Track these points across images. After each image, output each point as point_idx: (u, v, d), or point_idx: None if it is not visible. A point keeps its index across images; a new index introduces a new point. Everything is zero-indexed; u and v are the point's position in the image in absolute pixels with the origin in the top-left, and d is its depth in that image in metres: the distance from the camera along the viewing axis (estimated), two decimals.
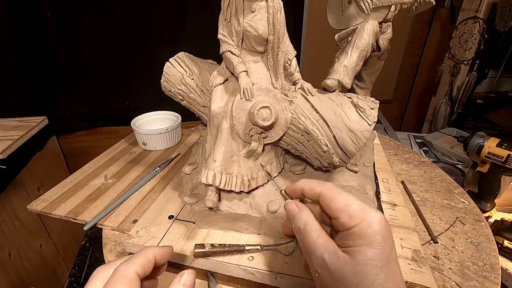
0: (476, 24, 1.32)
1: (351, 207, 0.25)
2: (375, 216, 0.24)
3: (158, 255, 0.26)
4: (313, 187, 0.29)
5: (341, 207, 0.25)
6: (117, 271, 0.23)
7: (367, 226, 0.23)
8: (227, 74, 0.43)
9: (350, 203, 0.25)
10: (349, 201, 0.25)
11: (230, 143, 0.40)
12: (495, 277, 0.41)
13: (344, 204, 0.25)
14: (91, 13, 1.00)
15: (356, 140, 0.37)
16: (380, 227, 0.23)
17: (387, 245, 0.23)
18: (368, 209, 0.24)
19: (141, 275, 0.23)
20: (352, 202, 0.25)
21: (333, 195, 0.26)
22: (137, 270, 0.23)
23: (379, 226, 0.23)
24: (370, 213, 0.24)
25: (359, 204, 0.25)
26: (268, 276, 0.37)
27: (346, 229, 0.24)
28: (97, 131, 1.23)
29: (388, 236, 0.23)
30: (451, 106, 1.53)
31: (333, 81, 0.41)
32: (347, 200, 0.25)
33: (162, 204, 0.49)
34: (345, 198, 0.26)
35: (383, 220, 0.24)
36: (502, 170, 0.73)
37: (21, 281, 0.85)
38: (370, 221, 0.23)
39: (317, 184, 0.28)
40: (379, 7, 0.44)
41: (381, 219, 0.24)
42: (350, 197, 0.26)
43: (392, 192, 0.55)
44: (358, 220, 0.24)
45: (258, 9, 0.37)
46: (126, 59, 1.10)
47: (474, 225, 0.51)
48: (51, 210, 0.53)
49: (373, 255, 0.23)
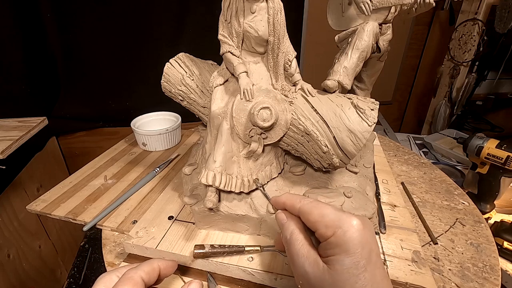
0: (475, 26, 1.32)
1: (327, 217, 0.25)
2: (350, 224, 0.24)
3: (163, 266, 0.29)
4: (293, 204, 0.29)
5: (318, 218, 0.25)
6: (125, 274, 0.26)
7: (342, 234, 0.23)
8: (227, 75, 0.43)
9: (325, 213, 0.25)
10: (324, 211, 0.25)
11: (230, 143, 0.40)
12: (495, 279, 0.41)
13: (320, 215, 0.25)
14: (91, 13, 1.00)
15: (356, 141, 0.37)
16: (355, 233, 0.23)
17: (364, 251, 0.23)
18: (343, 217, 0.24)
19: (145, 281, 0.26)
20: (327, 212, 0.25)
21: (310, 209, 0.27)
22: (142, 275, 0.26)
23: (354, 233, 0.23)
24: (346, 221, 0.24)
25: (335, 213, 0.25)
26: (267, 277, 0.37)
27: (324, 239, 0.25)
28: (97, 132, 1.22)
29: (365, 241, 0.23)
30: (450, 108, 1.53)
31: (333, 82, 0.41)
32: (323, 211, 0.25)
33: (162, 205, 0.49)
34: (321, 209, 0.26)
35: (359, 226, 0.24)
36: (501, 171, 0.73)
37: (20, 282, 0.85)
38: (345, 229, 0.23)
39: (298, 200, 0.29)
40: (379, 9, 0.44)
41: (357, 225, 0.24)
42: (326, 208, 0.26)
43: (392, 193, 0.55)
44: (334, 229, 0.24)
45: (258, 10, 0.37)
46: (126, 60, 1.10)
47: (474, 226, 0.51)
48: (50, 211, 0.52)
49: (350, 263, 0.23)
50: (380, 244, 0.43)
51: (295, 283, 0.36)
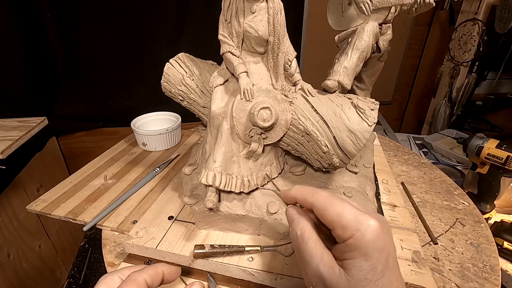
0: (475, 26, 1.32)
1: (345, 217, 0.23)
2: (369, 226, 0.22)
3: (167, 271, 0.30)
4: (305, 198, 0.27)
5: (335, 218, 0.24)
6: (130, 276, 0.26)
7: (360, 238, 0.22)
8: (227, 75, 0.43)
9: (343, 213, 0.23)
10: (342, 211, 0.24)
11: (230, 143, 0.40)
12: (495, 279, 0.41)
13: (336, 214, 0.24)
14: (91, 13, 1.00)
15: (356, 141, 0.37)
16: (374, 237, 0.22)
17: (382, 256, 0.22)
18: (362, 218, 0.23)
19: (149, 284, 0.27)
20: (345, 212, 0.23)
21: (325, 206, 0.25)
22: (146, 278, 0.27)
23: (373, 237, 0.22)
24: (364, 223, 0.22)
25: (353, 213, 0.23)
26: (268, 277, 0.37)
27: (342, 241, 0.23)
28: (97, 132, 1.23)
29: (383, 245, 0.22)
30: (450, 108, 1.53)
31: (333, 82, 0.42)
32: (340, 210, 0.24)
33: (162, 205, 0.49)
34: (337, 207, 0.24)
35: (378, 229, 0.22)
36: (501, 171, 0.73)
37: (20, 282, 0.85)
38: (363, 232, 0.22)
39: (310, 194, 0.27)
40: (379, 9, 0.44)
41: (376, 228, 0.22)
42: (343, 206, 0.24)
43: (392, 193, 0.55)
44: (352, 232, 0.22)
45: (258, 10, 0.37)
46: (126, 60, 1.10)
47: (474, 226, 0.51)
48: (50, 211, 0.52)
49: (367, 268, 0.22)
50: None
51: (295, 283, 0.36)
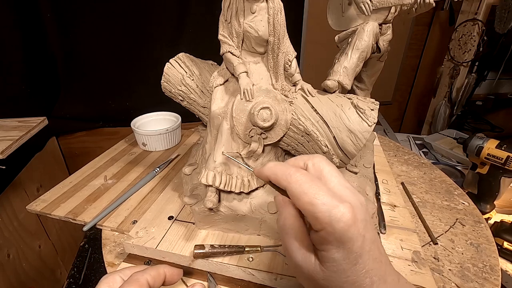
0: (475, 26, 1.32)
1: (317, 208, 0.22)
2: (339, 219, 0.21)
3: (168, 272, 0.29)
4: (278, 180, 0.25)
5: (307, 207, 0.22)
6: (132, 276, 0.27)
7: (332, 231, 0.21)
8: (227, 75, 0.43)
9: (315, 203, 0.22)
10: (314, 200, 0.22)
11: (230, 143, 0.40)
12: (495, 279, 0.41)
13: (309, 204, 0.22)
14: (91, 13, 1.00)
15: (356, 141, 0.37)
16: (345, 229, 0.21)
17: (355, 245, 0.22)
18: (334, 211, 0.21)
19: (150, 284, 0.27)
20: (318, 202, 0.22)
21: (299, 194, 0.23)
22: (148, 279, 0.27)
23: (343, 228, 0.21)
24: (335, 215, 0.21)
25: (325, 203, 0.22)
26: (267, 277, 0.37)
27: (314, 231, 0.23)
28: (97, 132, 1.22)
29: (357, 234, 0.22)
30: (450, 108, 1.53)
31: (333, 82, 0.42)
32: (312, 199, 0.22)
33: (162, 205, 0.49)
34: (310, 197, 0.22)
35: (349, 220, 0.21)
36: (501, 171, 0.73)
37: (19, 282, 0.85)
38: (334, 225, 0.21)
39: (284, 179, 0.24)
40: (379, 9, 0.44)
41: (347, 219, 0.21)
42: (316, 196, 0.22)
43: (392, 193, 0.55)
44: (323, 225, 0.22)
45: (258, 10, 0.37)
46: (126, 60, 1.10)
47: (474, 226, 0.51)
48: (50, 211, 0.52)
49: (340, 258, 0.22)
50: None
51: (295, 283, 0.36)
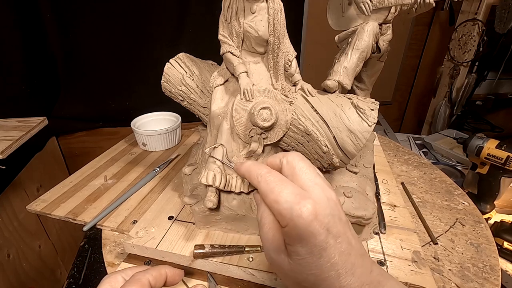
0: (475, 26, 1.32)
1: (281, 205, 0.23)
2: (300, 215, 0.22)
3: (170, 273, 0.30)
4: (250, 179, 0.26)
5: (273, 205, 0.24)
6: (134, 276, 0.27)
7: (294, 227, 0.22)
8: (227, 75, 0.43)
9: (280, 200, 0.23)
10: (279, 198, 0.23)
11: (230, 143, 0.40)
12: (495, 279, 0.41)
13: (275, 201, 0.23)
14: (91, 13, 1.00)
15: (356, 141, 0.37)
16: (306, 225, 0.22)
17: (318, 239, 0.22)
18: (296, 207, 0.22)
19: (152, 284, 0.27)
20: (282, 199, 0.23)
21: (266, 192, 0.24)
22: (150, 279, 0.27)
23: (305, 224, 0.22)
24: (296, 212, 0.22)
25: (288, 201, 0.23)
26: (267, 277, 0.37)
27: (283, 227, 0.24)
28: (97, 132, 1.22)
29: (318, 229, 0.22)
30: (450, 108, 1.53)
31: (333, 82, 0.42)
32: (277, 197, 0.23)
33: (162, 205, 0.49)
34: (275, 194, 0.23)
35: (310, 216, 0.22)
36: (501, 171, 0.73)
37: (19, 282, 0.85)
38: (296, 222, 0.22)
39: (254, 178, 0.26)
40: (379, 9, 0.44)
41: (308, 215, 0.22)
42: (280, 192, 0.23)
43: (392, 193, 0.55)
44: (287, 221, 0.23)
45: (258, 10, 0.37)
46: (126, 60, 1.10)
47: (474, 226, 0.51)
48: (50, 211, 0.52)
49: (305, 253, 0.22)
50: (380, 244, 0.43)
51: None
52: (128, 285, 0.26)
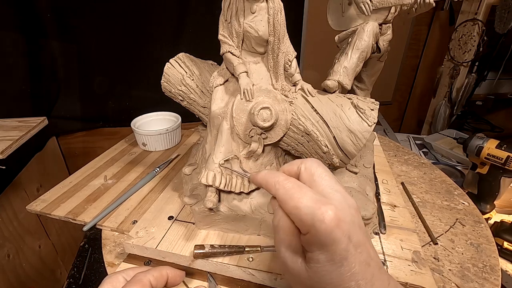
0: (475, 26, 1.32)
1: (301, 211, 0.22)
2: (323, 221, 0.21)
3: (171, 274, 0.30)
4: (268, 188, 0.26)
5: (293, 211, 0.23)
6: (135, 277, 0.27)
7: (315, 233, 0.22)
8: (227, 75, 0.43)
9: (300, 207, 0.23)
10: (299, 204, 0.23)
11: (230, 143, 0.40)
12: (495, 279, 0.41)
13: (294, 208, 0.23)
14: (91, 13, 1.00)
15: (356, 141, 0.37)
16: (328, 231, 0.21)
17: (339, 247, 0.22)
18: (317, 213, 0.22)
19: (153, 284, 0.27)
20: (302, 205, 0.23)
21: (285, 200, 0.24)
22: (151, 279, 0.27)
23: (327, 231, 0.21)
24: (318, 218, 0.22)
25: (309, 207, 0.22)
26: (267, 277, 0.37)
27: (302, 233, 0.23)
28: (97, 132, 1.22)
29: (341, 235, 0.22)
30: (450, 108, 1.53)
31: (333, 82, 0.42)
32: (297, 203, 0.23)
33: (162, 205, 0.49)
34: (295, 201, 0.23)
35: (332, 223, 0.21)
36: (501, 171, 0.73)
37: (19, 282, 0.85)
38: (318, 228, 0.22)
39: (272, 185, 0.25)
40: (379, 9, 0.44)
41: (330, 222, 0.21)
42: (301, 200, 0.23)
43: (392, 193, 0.55)
44: (308, 228, 0.22)
45: (258, 10, 0.37)
46: (126, 60, 1.10)
47: (474, 226, 0.51)
48: (50, 211, 0.52)
49: (325, 260, 0.22)
50: (380, 244, 0.43)
51: None
52: (129, 286, 0.26)
